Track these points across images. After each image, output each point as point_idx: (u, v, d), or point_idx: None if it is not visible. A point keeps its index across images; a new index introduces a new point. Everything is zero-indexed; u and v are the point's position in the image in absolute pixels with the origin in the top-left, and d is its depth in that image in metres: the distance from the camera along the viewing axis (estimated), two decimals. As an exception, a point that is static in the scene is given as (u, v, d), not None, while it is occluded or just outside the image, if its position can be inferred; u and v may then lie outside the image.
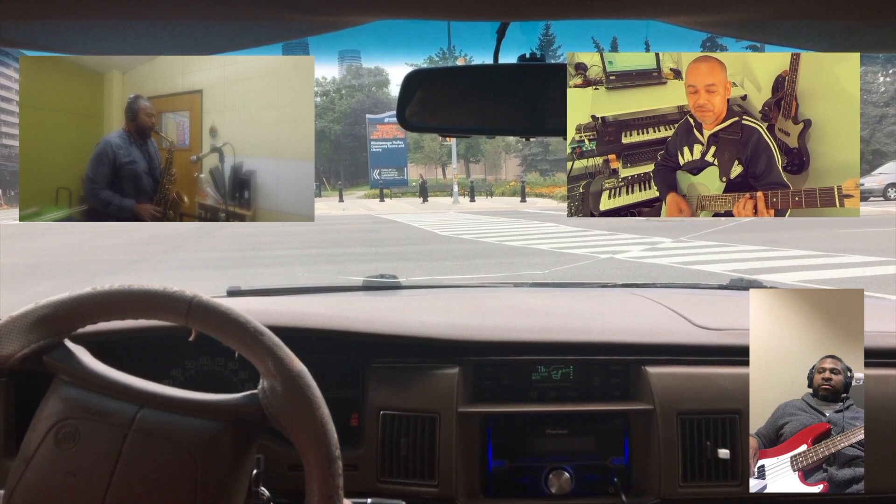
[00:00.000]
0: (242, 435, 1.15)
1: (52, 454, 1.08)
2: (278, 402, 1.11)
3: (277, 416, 1.11)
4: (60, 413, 1.11)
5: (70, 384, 1.13)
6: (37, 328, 1.13)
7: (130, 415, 1.10)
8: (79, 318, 1.15)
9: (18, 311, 1.14)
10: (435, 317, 1.94)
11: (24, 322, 1.13)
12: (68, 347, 1.16)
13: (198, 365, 1.74)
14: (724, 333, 1.76)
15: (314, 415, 1.11)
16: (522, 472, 1.65)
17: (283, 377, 1.11)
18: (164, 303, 1.13)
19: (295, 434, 1.11)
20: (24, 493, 1.08)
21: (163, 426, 1.10)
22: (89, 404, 1.11)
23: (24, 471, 1.09)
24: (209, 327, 1.13)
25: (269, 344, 1.12)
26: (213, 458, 1.11)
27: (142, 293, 1.13)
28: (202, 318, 1.13)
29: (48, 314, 1.14)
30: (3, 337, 1.12)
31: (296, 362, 1.13)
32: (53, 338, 1.14)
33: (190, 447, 1.10)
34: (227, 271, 10.70)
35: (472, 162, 46.01)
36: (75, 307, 1.14)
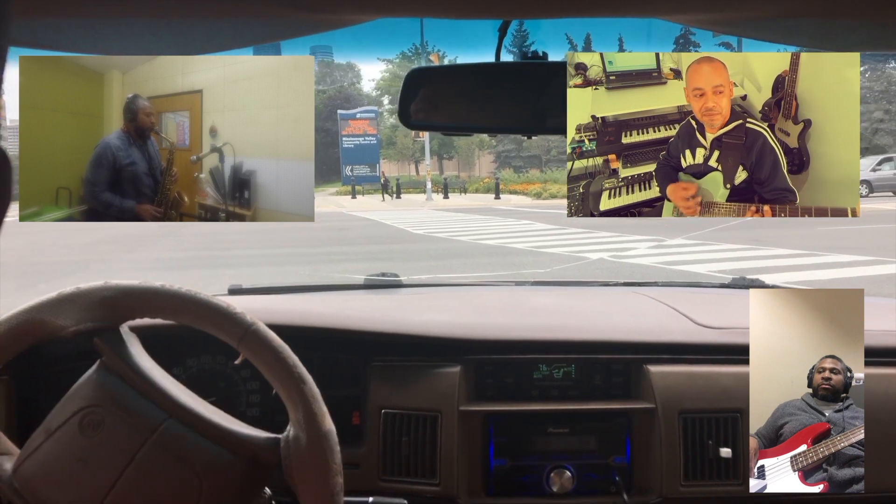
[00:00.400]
0: (254, 473, 1.14)
1: (73, 436, 1.09)
2: (298, 456, 1.11)
3: (292, 468, 1.11)
4: (93, 398, 1.11)
5: (111, 372, 1.13)
6: (98, 307, 1.14)
7: (156, 422, 1.11)
8: (141, 308, 1.15)
9: (86, 286, 1.14)
10: (436, 315, 1.94)
11: (88, 299, 1.13)
12: (122, 334, 1.16)
13: (199, 363, 1.74)
14: (726, 332, 1.76)
15: (328, 482, 1.10)
16: (524, 471, 1.65)
17: (310, 432, 1.10)
18: (223, 321, 1.13)
19: (303, 494, 1.11)
20: (36, 464, 1.09)
21: (182, 443, 1.11)
22: (122, 399, 1.11)
23: (43, 443, 1.10)
24: (258, 358, 1.13)
25: (307, 394, 1.12)
26: (220, 487, 1.11)
27: (207, 305, 1.14)
28: (254, 347, 1.13)
29: (113, 297, 1.14)
30: (64, 308, 1.12)
31: (327, 420, 1.12)
32: (111, 321, 1.15)
33: (200, 471, 1.10)
34: (189, 272, 10.36)
35: (446, 158, 45.44)
36: (140, 298, 1.14)
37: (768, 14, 1.00)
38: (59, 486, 1.07)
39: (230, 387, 1.73)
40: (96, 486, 1.07)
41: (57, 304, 1.12)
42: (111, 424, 1.10)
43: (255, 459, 1.13)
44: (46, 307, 1.12)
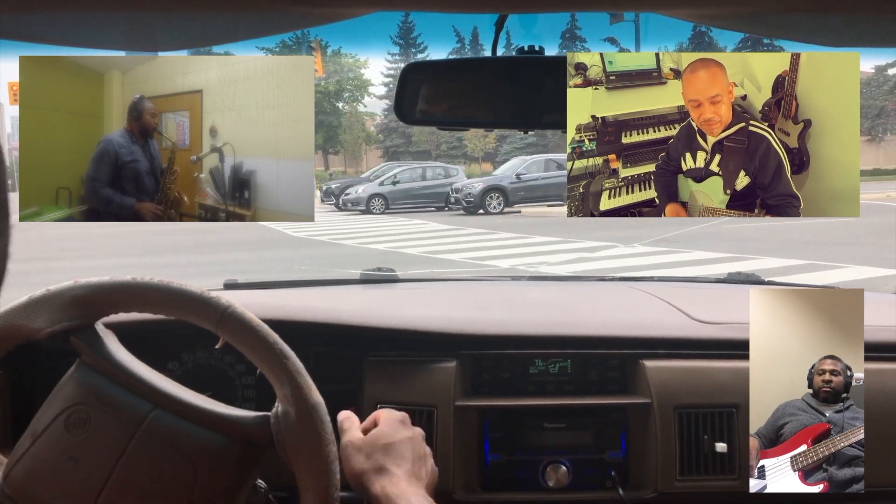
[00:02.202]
0: (247, 454, 1.14)
1: (60, 436, 1.08)
2: (289, 430, 1.10)
3: (285, 443, 1.10)
4: (76, 397, 1.11)
5: (91, 369, 1.13)
6: (71, 307, 1.13)
7: (143, 413, 1.10)
8: (114, 303, 1.14)
9: (56, 287, 1.13)
10: (432, 310, 1.94)
11: (60, 299, 1.13)
12: (98, 331, 1.15)
13: (195, 358, 1.74)
14: (721, 327, 1.76)
15: (322, 451, 1.10)
16: (520, 466, 1.65)
17: (298, 406, 1.10)
18: (199, 307, 1.12)
19: (298, 467, 1.10)
20: (26, 468, 1.08)
21: (171, 431, 1.10)
22: (105, 394, 1.11)
23: (31, 446, 1.09)
24: (237, 339, 1.12)
25: (291, 369, 1.11)
26: (214, 471, 1.10)
27: (179, 292, 1.13)
28: (232, 329, 1.12)
29: (85, 295, 1.13)
30: (37, 310, 1.11)
31: (314, 393, 1.12)
32: (86, 319, 1.14)
33: (193, 457, 1.09)
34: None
35: (331, 153, 44.08)
36: (113, 292, 1.14)
37: (765, 9, 0.99)
38: (53, 487, 1.07)
39: (225, 381, 1.73)
40: (91, 482, 1.06)
41: (28, 307, 1.12)
42: (97, 420, 1.09)
43: (246, 440, 1.13)
44: (18, 312, 1.11)
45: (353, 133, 40.58)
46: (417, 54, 41.78)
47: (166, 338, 1.66)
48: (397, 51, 42.69)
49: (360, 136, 41.61)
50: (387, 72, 43.71)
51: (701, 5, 0.98)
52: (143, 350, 1.22)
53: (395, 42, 42.31)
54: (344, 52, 40.59)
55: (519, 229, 14.76)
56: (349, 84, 41.36)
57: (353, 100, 42.28)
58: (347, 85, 41.53)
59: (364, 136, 42.25)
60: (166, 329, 1.62)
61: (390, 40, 41.89)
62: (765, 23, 1.09)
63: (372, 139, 43.32)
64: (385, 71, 43.89)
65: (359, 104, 42.93)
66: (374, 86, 43.94)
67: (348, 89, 41.67)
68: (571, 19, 37.70)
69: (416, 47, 42.30)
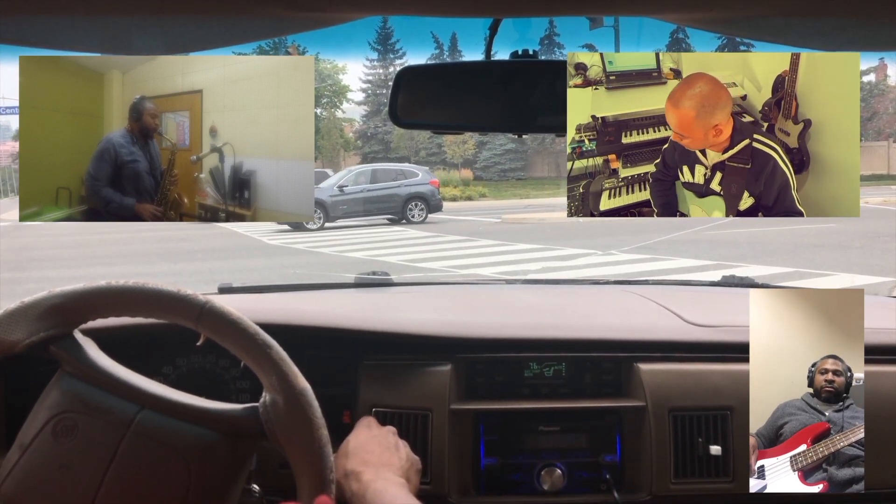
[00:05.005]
0: (239, 447, 1.14)
1: (49, 445, 1.08)
2: (278, 418, 1.11)
3: (276, 432, 1.11)
4: (61, 405, 1.10)
5: (74, 377, 1.13)
6: (48, 317, 1.13)
7: (130, 415, 1.10)
8: (91, 310, 1.14)
9: (31, 298, 1.13)
10: (427, 314, 1.93)
11: (35, 310, 1.12)
12: (76, 339, 1.15)
13: (189, 363, 1.73)
14: (715, 330, 1.77)
15: (313, 435, 1.10)
16: (515, 469, 1.65)
17: (285, 393, 1.11)
18: (176, 305, 1.13)
19: (291, 453, 1.11)
20: (17, 481, 1.08)
21: (161, 430, 1.10)
22: (91, 400, 1.11)
23: (19, 459, 1.09)
24: (218, 334, 1.13)
25: (275, 358, 1.12)
26: (207, 467, 1.10)
27: (155, 293, 1.13)
28: (212, 324, 1.12)
29: (60, 303, 1.13)
30: (14, 322, 1.11)
31: (300, 379, 1.12)
32: (63, 328, 1.14)
33: (185, 454, 1.09)
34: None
35: None
36: (88, 299, 1.14)
37: (758, 13, 1.00)
38: (46, 497, 1.07)
39: (221, 386, 1.72)
40: (84, 488, 1.06)
41: (4, 320, 1.11)
42: (85, 426, 1.09)
43: (237, 432, 1.13)
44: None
45: (331, 139, 40.34)
46: (396, 60, 41.89)
47: (155, 344, 1.65)
48: (376, 56, 42.66)
49: (338, 142, 41.38)
50: (365, 77, 43.59)
51: (693, 9, 0.98)
52: (132, 358, 1.21)
53: (374, 48, 42.24)
54: (322, 57, 40.45)
55: (500, 236, 14.70)
56: (327, 90, 41.21)
57: (331, 105, 42.07)
58: (325, 90, 41.39)
59: (342, 142, 42.02)
60: (154, 335, 1.61)
61: (369, 46, 41.87)
62: (754, 26, 1.10)
63: (350, 145, 43.11)
64: (363, 77, 43.74)
65: (337, 110, 42.77)
66: (352, 91, 43.81)
67: (326, 95, 41.51)
68: (550, 25, 37.80)
69: (395, 53, 42.30)
